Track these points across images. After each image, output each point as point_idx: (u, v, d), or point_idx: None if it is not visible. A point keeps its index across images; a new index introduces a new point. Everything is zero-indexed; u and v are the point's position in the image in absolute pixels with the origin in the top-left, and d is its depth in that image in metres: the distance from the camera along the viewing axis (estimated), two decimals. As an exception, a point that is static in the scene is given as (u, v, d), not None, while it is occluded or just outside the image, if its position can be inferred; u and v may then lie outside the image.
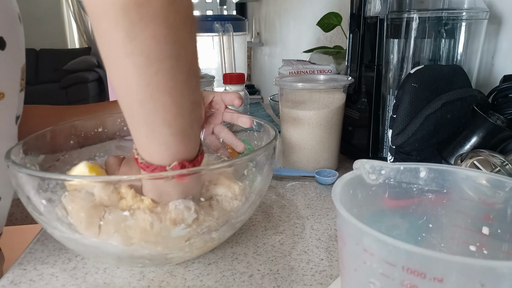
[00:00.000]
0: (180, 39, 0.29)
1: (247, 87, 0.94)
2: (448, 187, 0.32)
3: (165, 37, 0.28)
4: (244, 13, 3.84)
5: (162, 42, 0.28)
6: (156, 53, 0.29)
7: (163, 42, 0.28)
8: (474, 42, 0.57)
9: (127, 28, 0.27)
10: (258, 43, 3.23)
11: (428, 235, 0.33)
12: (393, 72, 0.59)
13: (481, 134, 0.44)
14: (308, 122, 0.63)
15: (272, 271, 0.40)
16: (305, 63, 0.92)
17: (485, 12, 0.56)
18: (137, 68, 0.29)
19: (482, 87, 0.62)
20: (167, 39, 0.29)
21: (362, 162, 0.31)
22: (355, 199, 0.30)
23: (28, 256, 0.43)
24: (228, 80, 0.88)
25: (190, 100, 0.32)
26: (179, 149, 0.34)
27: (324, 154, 0.65)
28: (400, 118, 0.50)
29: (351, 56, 0.67)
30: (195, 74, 0.32)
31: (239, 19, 1.16)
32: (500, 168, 0.38)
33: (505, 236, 0.29)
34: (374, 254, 0.23)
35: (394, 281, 0.22)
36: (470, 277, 0.20)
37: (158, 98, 0.30)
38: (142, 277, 0.40)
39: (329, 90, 0.63)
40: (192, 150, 0.35)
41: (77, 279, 0.39)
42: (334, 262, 0.42)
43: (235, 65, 1.09)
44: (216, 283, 0.39)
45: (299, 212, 0.53)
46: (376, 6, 0.60)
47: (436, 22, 0.56)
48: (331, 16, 1.07)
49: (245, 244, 0.45)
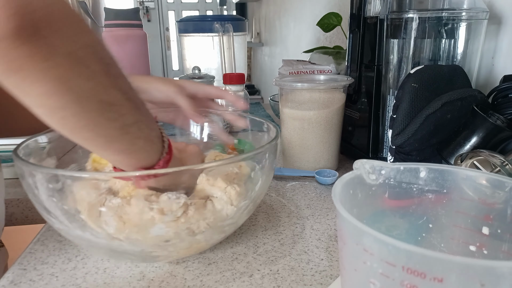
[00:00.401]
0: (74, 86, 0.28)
1: (247, 87, 0.94)
2: (448, 187, 0.32)
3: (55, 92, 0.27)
4: (244, 13, 3.84)
5: (54, 96, 0.28)
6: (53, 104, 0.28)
7: (54, 96, 0.28)
8: (474, 42, 0.57)
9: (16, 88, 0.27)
10: (258, 43, 3.23)
11: (428, 235, 0.33)
12: (393, 72, 0.59)
13: (481, 134, 0.44)
14: (308, 122, 0.63)
15: (272, 271, 0.40)
16: (305, 63, 0.92)
17: (485, 12, 0.56)
18: (44, 116, 0.29)
19: (482, 87, 0.62)
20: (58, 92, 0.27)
21: (362, 162, 0.31)
22: (355, 199, 0.30)
23: (28, 256, 0.43)
24: (228, 80, 0.88)
25: (115, 127, 0.32)
26: (130, 162, 0.35)
27: (324, 154, 0.65)
28: (400, 118, 0.50)
29: (351, 56, 0.67)
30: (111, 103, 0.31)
31: (239, 19, 1.16)
32: (500, 168, 0.38)
33: (505, 236, 0.29)
34: (374, 254, 0.23)
35: (394, 281, 0.22)
36: (470, 277, 0.20)
37: (78, 136, 0.31)
38: (142, 277, 0.40)
39: (329, 90, 0.63)
40: (146, 159, 0.36)
41: (77, 279, 0.39)
42: (334, 262, 0.42)
43: (235, 65, 1.09)
44: (216, 283, 0.39)
45: (299, 212, 0.53)
46: (376, 6, 0.60)
47: (436, 22, 0.56)
48: (331, 16, 1.07)
49: (245, 244, 0.45)
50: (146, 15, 4.08)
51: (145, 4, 4.05)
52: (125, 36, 0.86)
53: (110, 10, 0.86)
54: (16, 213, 0.59)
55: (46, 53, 0.26)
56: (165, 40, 4.22)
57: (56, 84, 0.27)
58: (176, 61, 4.37)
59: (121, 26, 0.87)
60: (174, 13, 4.30)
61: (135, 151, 0.35)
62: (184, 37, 1.13)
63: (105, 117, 0.31)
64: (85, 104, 0.29)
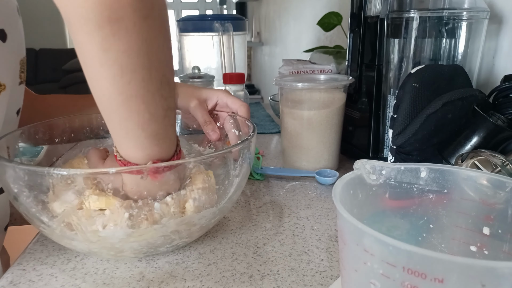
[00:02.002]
0: (153, 50, 0.31)
1: (247, 87, 0.94)
2: (448, 187, 0.32)
3: (137, 50, 0.30)
4: (244, 12, 3.84)
5: (135, 55, 0.30)
6: (129, 64, 0.30)
7: (135, 54, 0.30)
8: (475, 41, 0.57)
9: (100, 41, 0.29)
10: (258, 42, 3.23)
11: (428, 235, 0.33)
12: (393, 72, 0.59)
13: (481, 134, 0.44)
14: (308, 122, 0.63)
15: (272, 271, 0.40)
16: (305, 62, 0.92)
17: (485, 12, 0.56)
18: (110, 77, 0.30)
19: (482, 87, 0.62)
20: (139, 52, 0.30)
21: (362, 162, 0.31)
22: (356, 200, 0.30)
23: (27, 256, 0.43)
24: (228, 80, 0.88)
25: (163, 106, 0.34)
26: (153, 150, 0.36)
27: (324, 154, 0.65)
28: (401, 118, 0.50)
29: (352, 55, 0.67)
30: (168, 82, 0.34)
31: (239, 18, 1.16)
32: (501, 168, 0.38)
33: (506, 236, 0.29)
34: (375, 254, 0.23)
35: (394, 281, 0.22)
36: (470, 277, 0.20)
37: (131, 105, 0.32)
38: (141, 277, 0.39)
39: (330, 90, 0.63)
40: (167, 151, 0.38)
41: (76, 280, 0.39)
42: (334, 262, 0.42)
43: (235, 64, 1.09)
44: (216, 283, 0.38)
45: (299, 212, 0.53)
46: (376, 5, 0.60)
47: (436, 22, 0.56)
48: (332, 16, 1.07)
49: (245, 245, 0.45)
50: (146, 15, 4.08)
51: (145, 4, 4.04)
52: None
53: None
54: (15, 213, 0.59)
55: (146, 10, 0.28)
56: (165, 39, 4.22)
57: (143, 45, 0.29)
58: (175, 61, 4.37)
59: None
60: (174, 12, 4.29)
61: (163, 138, 0.36)
62: (183, 36, 1.13)
63: (160, 94, 0.33)
64: (154, 73, 0.31)
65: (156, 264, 0.42)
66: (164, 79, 0.33)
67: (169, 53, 0.33)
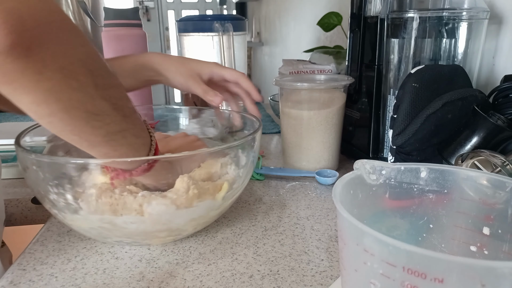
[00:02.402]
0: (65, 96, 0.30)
1: (247, 87, 0.93)
2: (448, 187, 0.32)
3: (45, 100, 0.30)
4: (244, 12, 3.84)
5: (44, 104, 0.30)
6: (41, 110, 0.31)
7: (44, 104, 0.30)
8: (475, 42, 0.57)
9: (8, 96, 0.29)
10: (258, 43, 3.23)
11: (428, 235, 0.33)
12: (393, 72, 0.59)
13: (481, 134, 0.44)
14: (308, 122, 0.63)
15: (272, 271, 0.40)
16: (305, 63, 0.92)
17: (485, 12, 0.56)
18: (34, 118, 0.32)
19: (482, 87, 0.62)
20: (48, 101, 0.30)
21: (362, 162, 0.31)
22: (356, 200, 0.30)
23: (28, 256, 0.43)
24: (228, 80, 0.88)
25: (100, 134, 0.35)
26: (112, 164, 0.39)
27: (324, 154, 0.65)
28: (401, 118, 0.50)
29: (352, 56, 0.67)
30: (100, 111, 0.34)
31: (239, 18, 1.15)
32: (500, 168, 0.38)
33: (506, 236, 0.29)
34: (375, 254, 0.23)
35: (394, 281, 0.22)
36: (470, 277, 0.20)
37: (65, 137, 0.34)
38: (141, 277, 0.39)
39: (329, 90, 0.63)
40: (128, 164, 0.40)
41: (76, 280, 0.39)
42: (334, 262, 0.42)
43: (235, 65, 1.09)
44: (216, 283, 0.38)
45: (299, 212, 0.53)
46: (376, 5, 0.60)
47: (436, 22, 0.56)
48: (332, 16, 1.07)
49: (245, 245, 0.45)
50: (146, 15, 4.08)
51: (145, 4, 4.04)
52: (124, 36, 0.86)
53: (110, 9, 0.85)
54: (15, 213, 0.59)
55: (37, 68, 0.28)
56: (165, 39, 4.22)
57: (46, 94, 0.30)
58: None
59: (120, 26, 0.86)
60: (174, 12, 4.29)
61: (117, 156, 0.38)
62: (183, 36, 1.13)
63: (90, 125, 0.33)
64: (72, 113, 0.32)
65: (156, 264, 0.42)
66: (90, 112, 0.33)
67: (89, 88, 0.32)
